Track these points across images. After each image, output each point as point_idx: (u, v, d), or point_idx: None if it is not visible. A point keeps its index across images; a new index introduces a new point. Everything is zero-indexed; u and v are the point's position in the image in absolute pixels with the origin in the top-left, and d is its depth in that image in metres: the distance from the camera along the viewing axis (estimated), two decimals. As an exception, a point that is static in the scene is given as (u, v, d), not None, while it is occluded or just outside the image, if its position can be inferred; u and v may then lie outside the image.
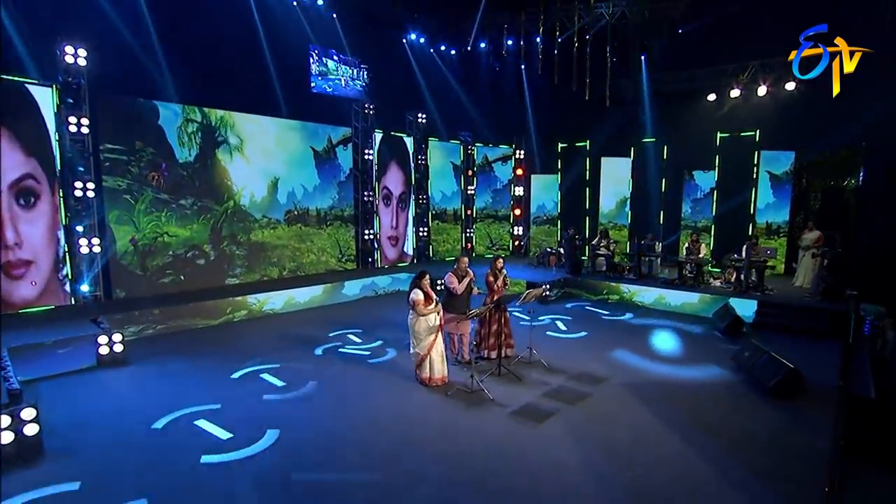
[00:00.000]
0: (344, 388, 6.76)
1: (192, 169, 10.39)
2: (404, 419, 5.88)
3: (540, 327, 9.69)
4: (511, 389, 6.73)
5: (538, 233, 16.41)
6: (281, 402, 6.25)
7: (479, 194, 16.40)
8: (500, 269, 7.76)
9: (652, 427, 5.77)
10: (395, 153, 14.20)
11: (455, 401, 6.38)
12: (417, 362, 6.83)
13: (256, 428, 5.55)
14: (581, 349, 8.47)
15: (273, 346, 8.39)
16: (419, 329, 6.68)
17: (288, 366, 7.43)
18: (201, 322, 9.49)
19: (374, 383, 6.94)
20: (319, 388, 6.70)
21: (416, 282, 6.73)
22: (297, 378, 7.00)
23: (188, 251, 10.44)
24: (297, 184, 12.30)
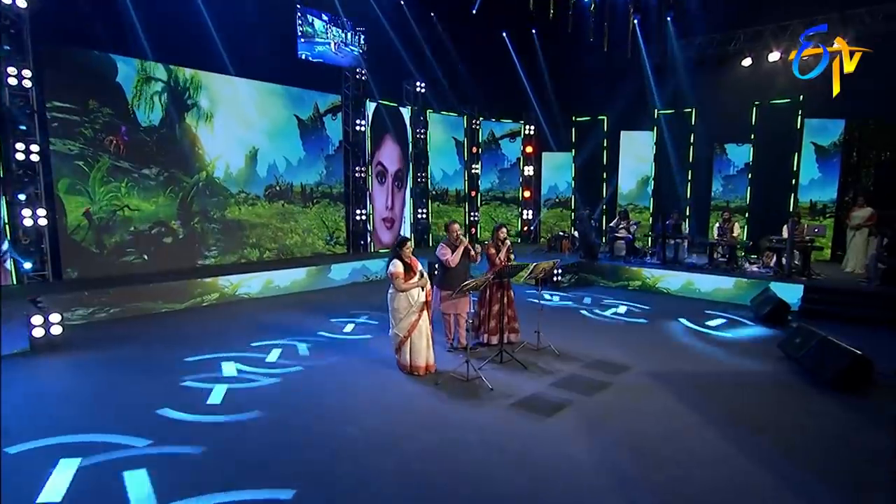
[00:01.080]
0: (315, 377, 6.02)
1: (157, 134, 9.73)
2: (382, 410, 5.12)
3: (550, 310, 8.89)
4: (514, 378, 5.96)
5: (550, 216, 15.67)
6: (235, 397, 5.50)
7: (485, 174, 15.73)
8: (503, 239, 7.00)
9: (685, 421, 4.96)
10: (390, 125, 13.53)
11: (446, 390, 5.61)
12: (396, 346, 6.06)
13: (182, 438, 4.78)
14: (599, 334, 7.69)
15: (240, 333, 7.69)
16: (399, 306, 5.92)
17: (252, 356, 6.69)
18: (164, 306, 8.81)
19: (351, 370, 6.20)
20: (285, 382, 5.95)
21: (395, 251, 5.97)
22: (261, 370, 6.25)
23: (153, 228, 9.78)
24: (279, 156, 11.63)
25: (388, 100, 13.45)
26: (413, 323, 5.90)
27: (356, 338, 7.51)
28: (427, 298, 6.01)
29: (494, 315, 6.93)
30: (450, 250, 6.56)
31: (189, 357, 6.51)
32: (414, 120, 13.94)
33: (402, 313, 5.89)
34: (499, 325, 6.83)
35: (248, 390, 5.57)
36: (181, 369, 6.10)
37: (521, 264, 6.58)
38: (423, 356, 5.99)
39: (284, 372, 6.11)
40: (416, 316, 5.90)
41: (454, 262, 6.50)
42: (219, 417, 4.91)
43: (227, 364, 6.30)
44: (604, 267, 11.41)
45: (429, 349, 6.04)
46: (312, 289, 10.85)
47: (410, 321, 5.89)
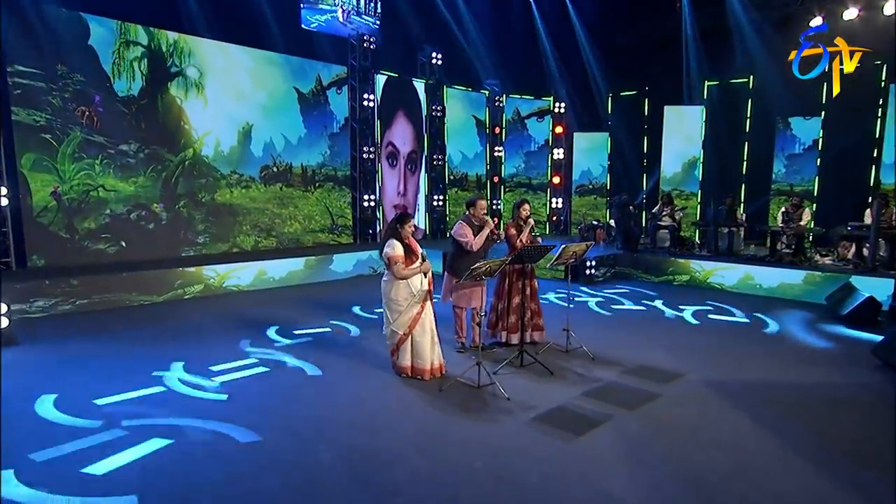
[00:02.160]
0: (289, 384, 5.20)
1: (137, 106, 9.11)
2: (368, 425, 4.27)
3: (582, 306, 7.92)
4: (537, 386, 5.05)
5: (581, 205, 14.71)
6: (198, 405, 4.71)
7: (509, 157, 14.88)
8: (526, 217, 6.08)
9: (760, 446, 3.97)
10: (402, 101, 12.78)
11: (451, 399, 4.73)
12: (393, 346, 5.21)
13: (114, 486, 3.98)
14: (641, 335, 6.71)
15: (218, 329, 6.97)
16: (397, 297, 5.06)
17: (228, 358, 5.92)
18: (140, 298, 8.17)
19: (338, 375, 5.37)
20: (247, 389, 5.15)
21: (393, 229, 5.11)
22: (237, 373, 5.47)
23: (132, 211, 9.17)
24: (277, 133, 10.95)
25: (401, 72, 12.68)
26: (415, 317, 5.06)
27: (349, 336, 6.68)
28: (430, 288, 5.15)
29: (514, 309, 6.03)
30: (471, 231, 5.68)
31: (142, 358, 5.76)
32: (429, 95, 13.17)
33: (401, 305, 5.04)
34: (519, 322, 5.91)
35: (188, 400, 4.77)
36: (120, 375, 5.35)
37: (545, 246, 5.64)
38: (427, 357, 5.14)
39: (249, 377, 5.30)
40: (419, 308, 5.06)
41: (477, 245, 5.62)
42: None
43: (176, 367, 5.52)
44: (645, 259, 10.45)
45: (434, 348, 5.18)
46: (311, 281, 10.10)
47: (411, 315, 5.05)
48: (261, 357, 5.82)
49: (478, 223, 5.76)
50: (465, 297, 5.68)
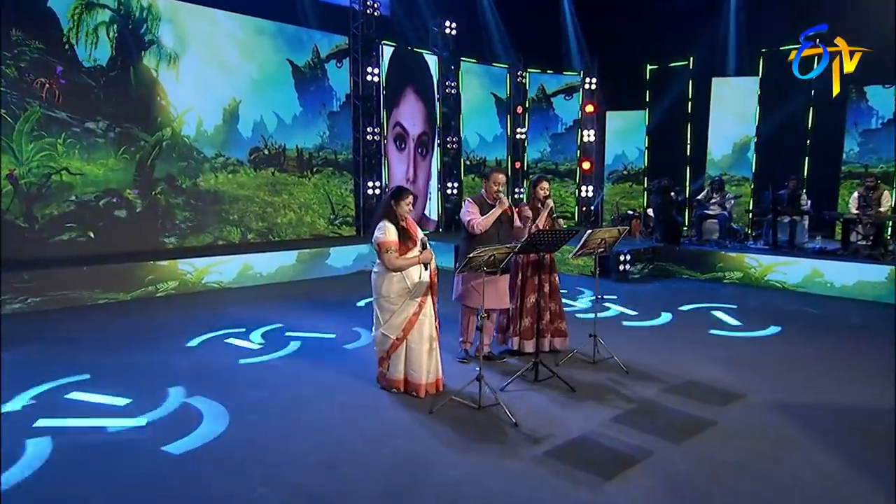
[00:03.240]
0: (243, 401, 4.45)
1: (105, 78, 8.53)
2: (332, 456, 3.48)
3: (614, 310, 7.03)
4: (554, 408, 4.22)
5: (615, 193, 13.79)
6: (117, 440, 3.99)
7: (533, 140, 14.03)
8: (545, 197, 5.24)
9: (854, 488, 3.04)
10: (412, 77, 12.06)
11: (441, 424, 3.92)
12: (382, 353, 4.42)
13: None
14: (689, 343, 5.81)
15: (178, 331, 6.31)
16: (389, 292, 4.30)
17: (167, 370, 5.22)
18: (103, 296, 7.58)
19: (308, 390, 4.60)
20: (203, 404, 4.40)
21: (386, 207, 4.35)
22: (174, 387, 4.74)
23: (101, 197, 8.61)
24: (268, 111, 10.32)
25: (410, 44, 11.94)
26: (411, 319, 4.29)
27: (332, 342, 5.91)
28: (433, 280, 4.37)
29: (529, 310, 5.20)
30: (478, 209, 4.88)
31: (60, 366, 5.07)
32: (443, 70, 12.39)
33: (394, 304, 4.28)
34: (535, 325, 5.04)
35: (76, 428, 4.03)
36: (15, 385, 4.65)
37: (566, 231, 4.76)
38: (423, 368, 4.35)
39: (190, 389, 4.55)
40: (416, 308, 4.29)
41: (482, 225, 4.81)
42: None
43: (88, 379, 4.80)
44: (689, 253, 9.55)
45: (433, 358, 4.40)
46: (305, 277, 9.39)
47: (406, 316, 4.28)
48: (215, 366, 5.07)
49: (491, 201, 4.93)
50: (475, 295, 4.82)
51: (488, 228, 4.85)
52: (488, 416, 4.06)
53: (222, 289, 8.53)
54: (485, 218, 4.85)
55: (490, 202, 4.95)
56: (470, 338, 5.18)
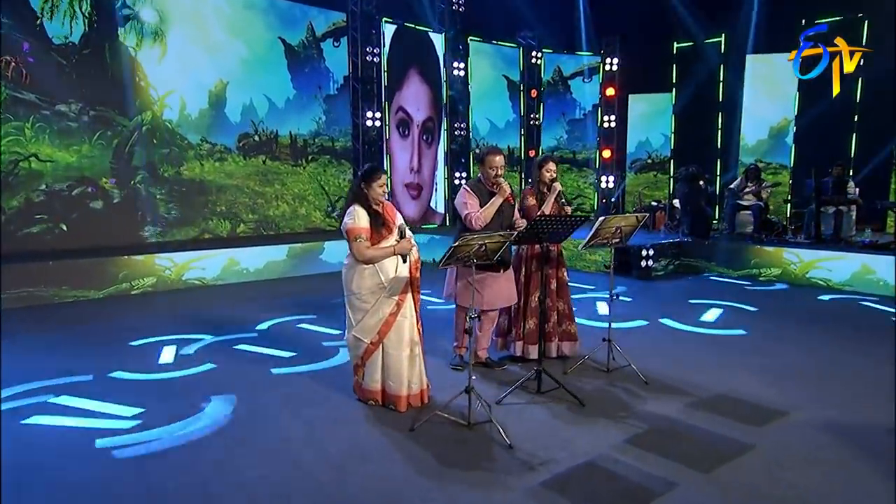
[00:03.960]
0: (193, 418, 3.99)
1: (78, 57, 8.21)
2: (276, 486, 3.00)
3: (634, 307, 6.48)
4: (558, 425, 3.72)
5: (638, 184, 13.28)
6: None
7: (549, 126, 13.59)
8: (551, 180, 4.73)
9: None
10: (416, 57, 11.68)
11: (421, 445, 3.44)
12: (357, 359, 3.97)
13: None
14: (722, 350, 5.26)
15: (154, 331, 5.88)
16: (360, 288, 3.84)
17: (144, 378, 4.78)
18: (73, 293, 7.27)
19: (273, 401, 4.14)
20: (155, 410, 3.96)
21: (355, 190, 3.91)
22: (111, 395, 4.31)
23: (75, 187, 8.30)
24: (259, 94, 9.98)
25: (414, 21, 11.51)
26: (387, 319, 3.82)
27: (318, 345, 5.43)
28: (413, 275, 3.90)
29: (534, 310, 4.67)
30: (477, 199, 4.37)
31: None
32: (450, 50, 11.95)
33: (366, 302, 3.82)
34: (540, 327, 4.52)
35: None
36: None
37: (574, 216, 4.22)
38: (403, 378, 3.88)
39: (140, 400, 4.11)
40: (393, 307, 3.82)
41: (481, 219, 4.31)
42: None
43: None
44: (719, 248, 9.03)
45: (415, 366, 3.92)
46: (297, 273, 8.98)
47: (382, 316, 3.82)
48: (171, 376, 4.63)
49: (490, 188, 4.42)
50: (469, 293, 4.31)
51: (489, 221, 4.33)
52: (478, 436, 3.56)
53: (205, 286, 8.17)
54: (484, 210, 4.34)
55: (490, 189, 4.44)
56: (465, 342, 4.67)
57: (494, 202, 4.34)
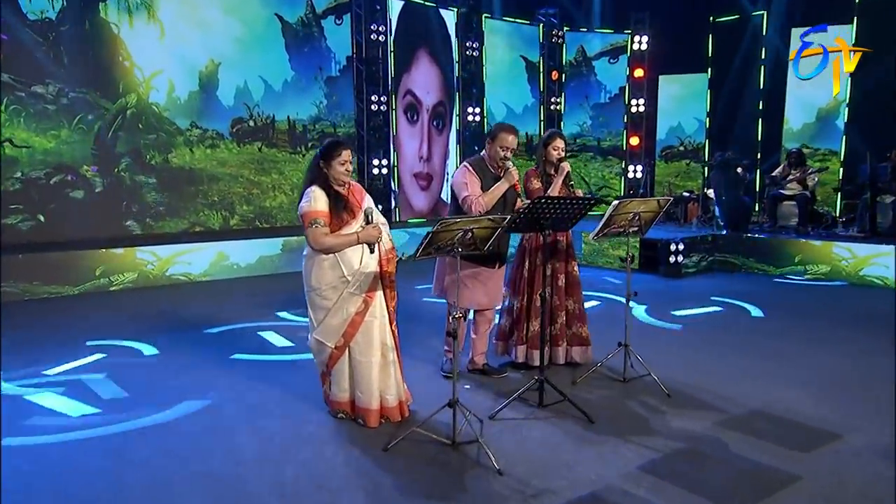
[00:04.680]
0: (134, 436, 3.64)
1: (56, 34, 7.98)
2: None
3: (657, 308, 6.01)
4: (561, 447, 3.30)
5: (668, 173, 12.78)
6: None
7: (571, 111, 13.25)
8: (560, 160, 4.31)
9: None
10: (426, 36, 11.41)
11: (394, 470, 3.07)
12: (321, 367, 3.62)
13: None
14: (759, 357, 4.76)
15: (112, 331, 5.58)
16: (320, 282, 3.47)
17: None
18: (46, 289, 7.08)
19: (235, 413, 3.78)
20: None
21: (313, 171, 3.52)
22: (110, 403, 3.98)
23: (53, 175, 8.08)
24: (254, 75, 9.69)
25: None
26: (352, 319, 3.43)
27: (288, 345, 5.07)
28: (384, 268, 3.51)
29: (538, 310, 4.23)
30: (479, 180, 3.96)
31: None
32: (463, 29, 11.63)
33: (327, 299, 3.44)
34: (545, 330, 4.09)
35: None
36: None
37: (583, 198, 3.77)
38: (373, 389, 3.48)
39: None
40: (359, 305, 3.43)
41: (483, 207, 3.88)
42: None
43: None
44: (759, 243, 8.56)
45: (389, 374, 3.53)
46: (293, 269, 8.55)
47: (347, 316, 3.43)
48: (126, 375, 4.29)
49: (496, 171, 4.01)
50: (462, 289, 3.89)
51: (490, 209, 3.91)
52: (463, 458, 3.14)
53: (190, 282, 7.93)
54: (487, 195, 3.92)
55: (495, 172, 4.01)
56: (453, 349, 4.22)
57: (499, 187, 3.92)
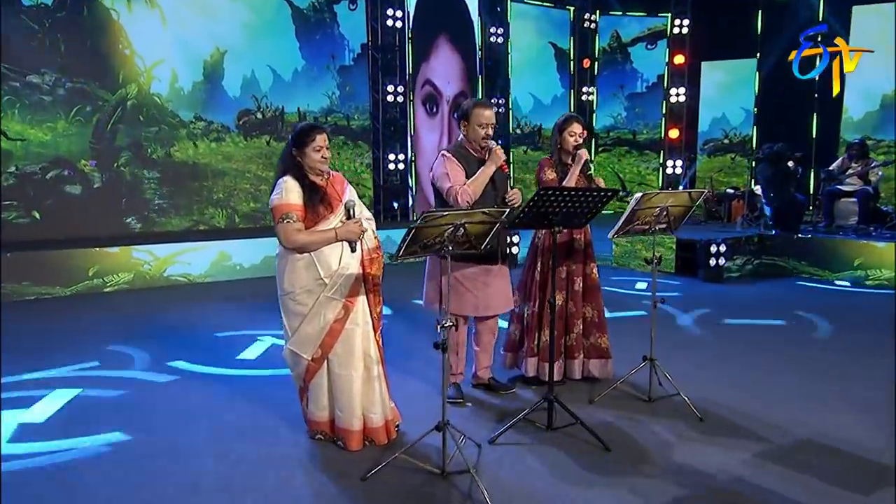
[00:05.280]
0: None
1: (53, 20, 7.99)
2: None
3: (692, 319, 5.62)
4: (568, 480, 2.93)
5: (711, 168, 12.41)
6: None
7: (604, 102, 13.15)
8: (577, 146, 4.03)
9: None
10: (446, 22, 11.41)
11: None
12: (298, 382, 3.35)
13: None
14: (814, 376, 4.33)
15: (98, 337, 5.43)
16: (294, 285, 3.20)
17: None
18: (36, 290, 7.02)
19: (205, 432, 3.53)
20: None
21: (286, 160, 3.25)
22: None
23: (49, 170, 8.09)
24: (262, 65, 9.66)
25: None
26: (331, 328, 3.16)
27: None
28: (367, 270, 3.23)
29: (549, 316, 3.87)
30: (461, 168, 3.66)
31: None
32: (486, 13, 11.56)
33: (302, 304, 3.18)
34: (558, 341, 3.75)
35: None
36: None
37: (602, 192, 3.40)
38: (354, 407, 3.19)
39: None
40: (339, 312, 3.16)
41: (469, 196, 3.56)
42: None
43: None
44: (813, 244, 8.13)
45: (372, 390, 3.23)
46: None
47: (325, 324, 3.16)
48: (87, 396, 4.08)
49: (477, 154, 3.68)
50: (455, 297, 3.57)
51: (479, 197, 3.58)
52: (451, 491, 2.81)
53: (190, 283, 7.83)
54: (473, 181, 3.59)
55: (479, 155, 3.69)
56: (460, 366, 3.88)
57: (485, 170, 3.59)
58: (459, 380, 3.89)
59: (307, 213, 3.10)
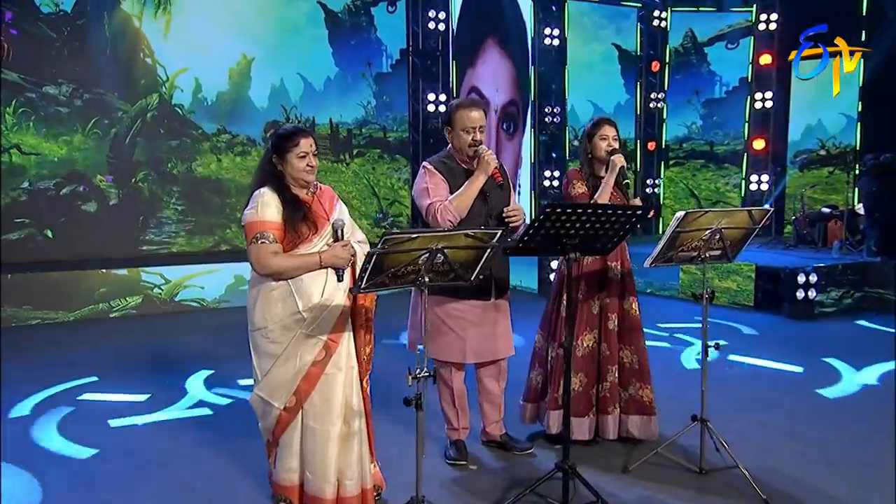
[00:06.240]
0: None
1: (71, 29, 8.19)
2: None
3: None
4: None
5: (804, 183, 11.68)
6: None
7: (676, 109, 12.64)
8: (611, 152, 3.69)
9: None
10: (494, 24, 11.21)
11: None
12: (266, 434, 3.06)
13: None
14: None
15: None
16: (266, 320, 2.93)
17: None
18: (38, 314, 7.25)
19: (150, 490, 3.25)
20: None
21: (264, 169, 3.03)
22: None
23: (64, 185, 8.24)
24: (291, 72, 9.69)
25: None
26: (308, 373, 2.87)
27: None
28: (360, 302, 2.99)
29: (581, 362, 3.53)
30: (445, 182, 3.35)
31: None
32: (541, 13, 11.16)
33: (276, 342, 2.90)
34: (588, 391, 3.34)
35: None
36: None
37: (635, 208, 2.97)
38: (329, 468, 2.86)
39: None
40: (318, 353, 2.87)
41: (453, 213, 3.25)
42: None
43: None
44: None
45: (350, 450, 2.91)
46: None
47: (300, 368, 2.87)
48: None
49: (465, 165, 3.40)
50: (436, 339, 3.21)
51: (467, 214, 3.26)
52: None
53: (203, 308, 7.92)
54: (458, 196, 3.26)
55: (467, 166, 3.36)
56: (462, 420, 3.47)
57: (474, 182, 3.26)
58: (462, 436, 3.48)
59: (287, 233, 2.83)
